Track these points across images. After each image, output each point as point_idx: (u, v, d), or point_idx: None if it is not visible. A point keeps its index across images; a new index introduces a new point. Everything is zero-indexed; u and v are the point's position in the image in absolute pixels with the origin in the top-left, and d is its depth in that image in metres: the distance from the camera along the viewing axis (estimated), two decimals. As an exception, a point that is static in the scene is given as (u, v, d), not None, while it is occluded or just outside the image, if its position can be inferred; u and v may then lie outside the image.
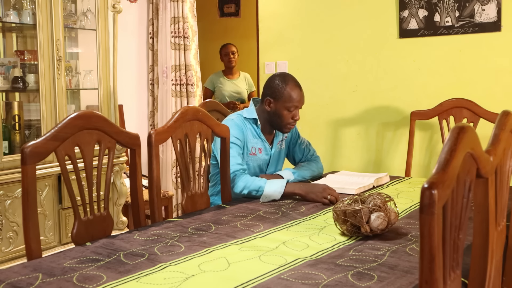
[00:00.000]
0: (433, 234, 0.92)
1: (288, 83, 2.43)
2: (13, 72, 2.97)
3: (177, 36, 4.22)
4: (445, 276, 1.04)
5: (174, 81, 4.25)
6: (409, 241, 1.66)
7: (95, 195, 1.83)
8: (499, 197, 1.37)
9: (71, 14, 3.26)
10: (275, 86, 2.44)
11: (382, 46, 3.57)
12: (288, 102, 2.41)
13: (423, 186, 0.91)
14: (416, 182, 2.64)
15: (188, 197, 2.18)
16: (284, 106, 2.42)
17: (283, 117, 2.44)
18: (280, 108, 2.43)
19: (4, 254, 2.77)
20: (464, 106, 3.13)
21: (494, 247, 1.26)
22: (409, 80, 3.51)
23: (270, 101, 2.44)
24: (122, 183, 3.31)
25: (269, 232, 1.79)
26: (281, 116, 2.44)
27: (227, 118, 2.56)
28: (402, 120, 3.53)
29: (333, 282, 1.32)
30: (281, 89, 2.42)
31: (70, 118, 1.74)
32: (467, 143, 1.04)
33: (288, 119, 2.45)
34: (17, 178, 2.77)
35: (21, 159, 1.61)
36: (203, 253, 1.57)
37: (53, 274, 1.40)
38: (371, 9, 3.58)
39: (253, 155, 2.52)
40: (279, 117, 2.45)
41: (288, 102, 2.41)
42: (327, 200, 2.18)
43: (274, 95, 2.43)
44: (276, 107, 2.44)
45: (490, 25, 3.23)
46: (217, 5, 6.23)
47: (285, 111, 2.43)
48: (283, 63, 3.96)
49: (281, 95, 2.42)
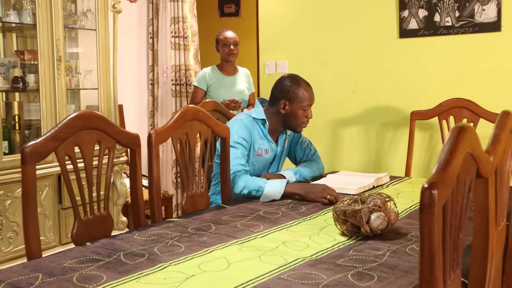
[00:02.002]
0: (433, 234, 0.92)
1: (300, 83, 2.48)
2: (13, 72, 2.97)
3: (177, 36, 4.22)
4: (445, 276, 1.04)
5: (174, 81, 4.25)
6: (409, 241, 1.66)
7: (95, 195, 1.83)
8: (499, 197, 1.37)
9: (71, 14, 3.26)
10: (288, 88, 2.48)
11: (382, 46, 3.57)
12: (303, 102, 2.47)
13: (423, 186, 0.91)
14: (416, 182, 2.64)
15: (188, 197, 2.18)
16: (300, 106, 2.47)
17: (298, 117, 2.49)
18: (296, 109, 2.47)
19: (4, 254, 2.77)
20: (464, 106, 3.13)
21: (494, 247, 1.26)
22: (409, 80, 3.51)
23: (285, 103, 2.48)
24: (122, 183, 3.32)
25: (269, 232, 1.79)
26: (296, 116, 2.49)
27: (235, 118, 2.57)
28: (402, 120, 3.53)
29: (333, 282, 1.32)
30: (295, 90, 2.46)
31: (70, 118, 1.74)
32: (467, 143, 1.04)
33: (303, 118, 2.50)
34: (17, 178, 2.77)
35: (21, 159, 1.61)
36: (203, 253, 1.57)
37: (53, 274, 1.39)
38: (371, 9, 3.58)
39: (259, 156, 2.53)
40: (294, 117, 2.49)
41: (303, 101, 2.47)
42: (327, 200, 2.18)
43: (289, 97, 2.47)
44: (291, 109, 2.48)
45: (490, 25, 3.23)
46: (217, 5, 6.23)
47: (301, 111, 2.48)
48: (283, 63, 3.96)
49: (296, 96, 2.46)
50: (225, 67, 3.94)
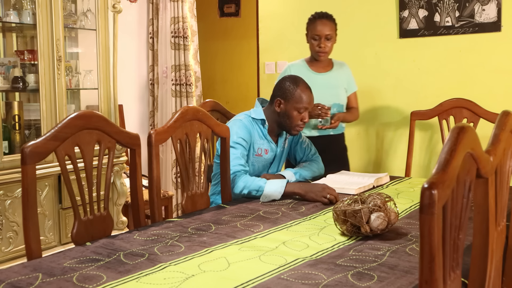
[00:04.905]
0: (433, 234, 0.92)
1: (299, 84, 2.46)
2: (13, 72, 2.97)
3: (177, 36, 4.22)
4: (445, 276, 1.04)
5: (174, 81, 4.25)
6: (409, 241, 1.66)
7: (95, 195, 1.83)
8: (499, 197, 1.37)
9: (71, 14, 3.26)
10: (286, 87, 2.46)
11: (382, 46, 3.57)
12: (299, 103, 2.44)
13: (423, 186, 0.91)
14: (416, 182, 2.64)
15: (188, 197, 2.18)
16: (294, 107, 2.44)
17: (292, 118, 2.46)
18: (290, 109, 2.45)
19: (4, 254, 2.77)
20: (464, 106, 3.13)
21: (494, 247, 1.26)
22: (409, 80, 3.51)
23: (280, 101, 2.46)
24: (122, 183, 3.31)
25: (269, 232, 1.79)
26: (290, 117, 2.46)
27: (235, 118, 2.55)
28: (402, 120, 3.53)
29: (333, 282, 1.32)
30: (292, 90, 2.44)
31: (70, 118, 1.74)
32: (467, 143, 1.04)
33: (297, 121, 2.46)
34: (17, 178, 2.77)
35: (21, 159, 1.61)
36: (203, 253, 1.57)
37: (53, 274, 1.40)
38: (371, 9, 3.58)
39: (259, 156, 2.52)
40: (288, 118, 2.46)
41: (299, 103, 2.44)
42: (326, 199, 2.18)
43: (285, 96, 2.45)
44: (286, 108, 2.45)
45: (490, 25, 3.23)
46: (217, 5, 6.23)
47: (295, 112, 2.45)
48: (283, 63, 3.96)
49: (292, 96, 2.44)
50: (314, 63, 3.14)
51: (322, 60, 3.07)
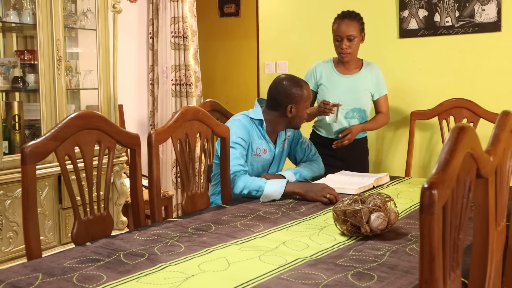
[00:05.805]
0: (433, 234, 0.92)
1: (301, 84, 2.49)
2: (13, 72, 2.97)
3: (177, 36, 4.22)
4: (445, 276, 1.04)
5: (174, 81, 4.25)
6: (409, 241, 1.66)
7: (95, 195, 1.83)
8: (499, 197, 1.37)
9: (71, 14, 3.26)
10: (293, 92, 2.46)
11: (382, 46, 3.57)
12: (307, 101, 2.51)
13: (423, 186, 0.91)
14: (416, 182, 2.64)
15: (188, 197, 2.18)
16: (305, 106, 2.50)
17: (303, 116, 2.53)
18: (302, 110, 2.50)
19: (4, 254, 2.77)
20: (464, 106, 3.13)
21: (494, 247, 1.26)
22: (409, 80, 3.51)
23: (291, 107, 2.48)
24: (122, 183, 3.31)
25: (269, 232, 1.79)
26: (302, 116, 2.52)
27: (233, 118, 2.55)
28: (402, 120, 3.53)
29: (333, 282, 1.32)
30: (300, 93, 2.47)
31: (70, 118, 1.74)
32: (467, 143, 1.04)
33: (305, 115, 2.54)
34: (17, 178, 2.77)
35: (21, 159, 1.61)
36: (203, 253, 1.57)
37: (53, 274, 1.40)
38: (371, 9, 3.58)
39: (258, 156, 2.52)
40: (300, 117, 2.52)
41: (307, 101, 2.51)
42: (326, 199, 2.18)
43: (295, 100, 2.47)
44: (297, 110, 2.49)
45: (490, 25, 3.23)
46: (217, 5, 6.23)
47: (306, 110, 2.52)
48: (283, 63, 3.96)
49: (301, 98, 2.47)
50: (341, 64, 3.04)
51: (346, 61, 2.97)
